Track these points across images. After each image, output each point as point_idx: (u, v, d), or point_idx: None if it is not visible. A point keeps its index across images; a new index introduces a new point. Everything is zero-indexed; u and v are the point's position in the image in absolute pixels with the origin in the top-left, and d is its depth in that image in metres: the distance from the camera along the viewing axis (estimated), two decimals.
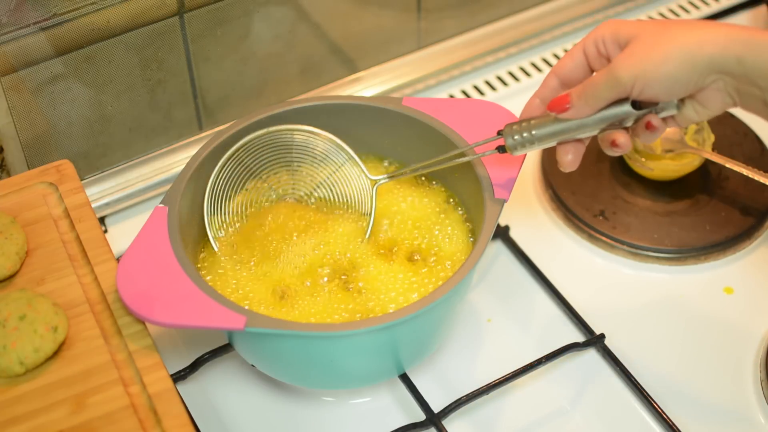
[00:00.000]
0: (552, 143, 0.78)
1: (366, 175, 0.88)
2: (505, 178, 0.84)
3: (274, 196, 0.91)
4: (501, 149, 0.80)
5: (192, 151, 0.97)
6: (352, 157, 0.89)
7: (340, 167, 0.90)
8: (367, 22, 1.12)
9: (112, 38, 0.94)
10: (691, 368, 0.89)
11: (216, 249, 0.86)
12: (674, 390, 0.87)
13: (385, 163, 0.94)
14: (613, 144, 0.77)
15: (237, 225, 0.88)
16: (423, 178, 0.93)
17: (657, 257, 0.97)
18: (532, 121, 0.78)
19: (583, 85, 0.75)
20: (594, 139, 1.07)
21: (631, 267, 0.97)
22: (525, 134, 0.78)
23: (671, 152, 1.01)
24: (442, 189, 0.92)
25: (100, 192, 1.01)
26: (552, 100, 0.76)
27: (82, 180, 0.99)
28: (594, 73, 0.76)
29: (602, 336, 0.90)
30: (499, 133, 0.79)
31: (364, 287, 0.84)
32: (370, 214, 0.87)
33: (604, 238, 0.98)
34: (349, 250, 0.87)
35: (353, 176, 0.89)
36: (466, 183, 0.87)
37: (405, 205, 0.91)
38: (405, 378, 0.86)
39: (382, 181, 0.88)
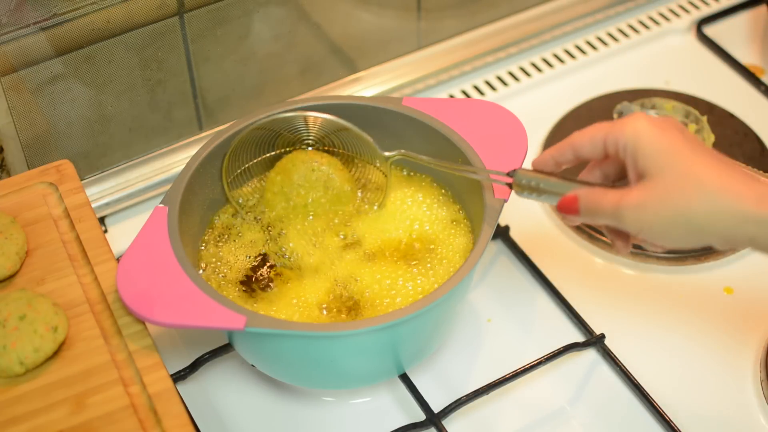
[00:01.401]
0: (547, 199, 0.78)
1: (379, 153, 0.89)
2: (505, 178, 0.84)
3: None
4: (510, 185, 0.80)
5: (192, 151, 0.97)
6: (362, 137, 0.89)
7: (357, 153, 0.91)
8: (367, 22, 1.12)
9: (112, 38, 0.94)
10: (691, 368, 0.89)
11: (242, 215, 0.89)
12: (674, 390, 0.87)
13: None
14: (614, 245, 0.77)
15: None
16: (423, 178, 0.93)
17: (657, 257, 0.97)
18: (541, 176, 0.78)
19: (593, 200, 0.73)
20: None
21: (631, 267, 0.97)
22: (533, 183, 0.78)
23: None
24: (442, 188, 0.92)
25: (100, 192, 1.01)
26: (562, 201, 0.75)
27: (82, 180, 0.99)
28: (603, 195, 0.72)
29: (602, 336, 0.90)
30: (509, 174, 0.80)
31: (362, 287, 0.84)
32: (385, 189, 0.90)
33: (604, 238, 0.98)
34: (350, 249, 0.87)
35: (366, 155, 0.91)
36: (466, 183, 0.87)
37: (405, 205, 0.91)
38: (405, 378, 0.86)
39: (393, 157, 0.89)
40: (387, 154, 0.89)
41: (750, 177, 0.67)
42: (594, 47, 1.19)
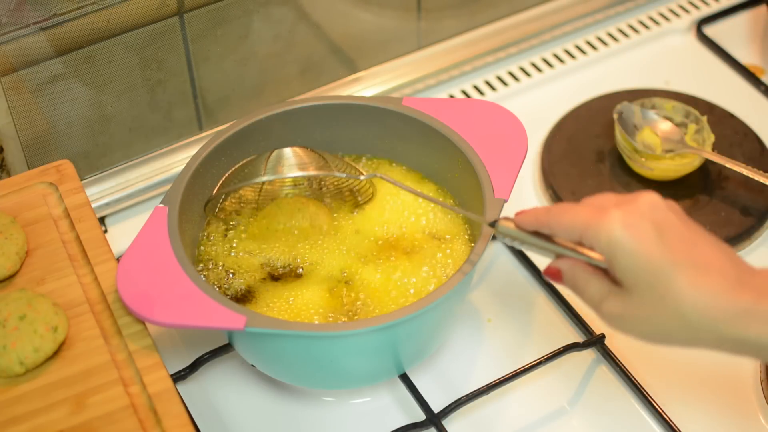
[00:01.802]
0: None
1: (360, 173, 0.87)
2: (505, 178, 0.84)
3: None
4: (492, 224, 0.76)
5: (192, 151, 0.97)
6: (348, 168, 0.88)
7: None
8: (367, 22, 1.12)
9: (112, 38, 0.94)
10: (690, 368, 0.89)
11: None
12: (674, 390, 0.87)
13: (386, 165, 0.94)
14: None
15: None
16: (422, 177, 0.93)
17: None
18: (522, 234, 0.72)
19: (576, 283, 0.70)
20: (593, 136, 1.07)
21: None
22: (514, 237, 0.73)
23: (671, 152, 1.01)
24: (442, 189, 0.92)
25: (100, 192, 1.01)
26: (547, 269, 0.72)
27: (82, 180, 0.99)
28: (587, 280, 0.69)
29: (602, 336, 0.90)
30: (491, 224, 0.75)
31: (363, 287, 0.84)
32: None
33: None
34: (348, 248, 0.87)
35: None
36: (465, 183, 0.87)
37: (404, 204, 0.91)
38: (405, 378, 0.86)
39: (371, 176, 0.85)
40: (362, 177, 0.85)
41: (735, 283, 0.64)
42: (594, 47, 1.19)
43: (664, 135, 1.02)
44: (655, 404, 0.85)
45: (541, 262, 0.96)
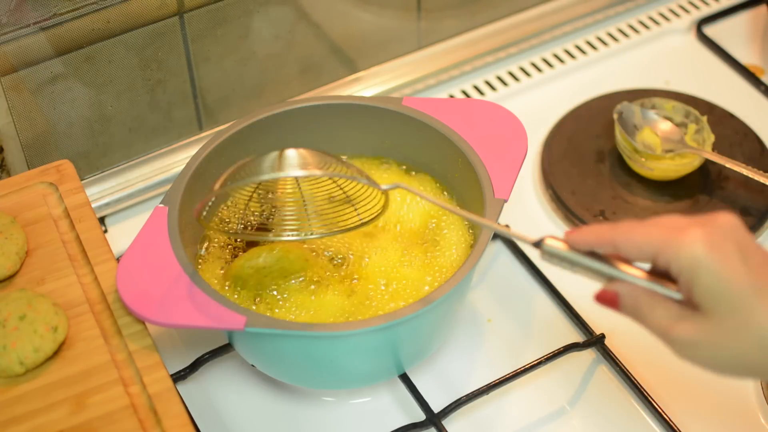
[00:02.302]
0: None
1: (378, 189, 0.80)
2: (505, 178, 0.84)
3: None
4: (537, 245, 0.69)
5: (192, 151, 0.97)
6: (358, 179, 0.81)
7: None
8: (367, 22, 1.12)
9: (112, 38, 0.94)
10: (691, 368, 0.89)
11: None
12: (674, 390, 0.87)
13: (384, 165, 0.94)
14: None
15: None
16: (422, 177, 0.93)
17: None
18: (573, 254, 0.67)
19: (637, 308, 0.65)
20: (593, 136, 1.07)
21: None
22: (563, 257, 0.67)
23: (671, 152, 1.01)
24: (442, 188, 0.92)
25: (100, 192, 1.01)
26: (600, 294, 0.66)
27: (82, 180, 0.99)
28: (650, 308, 0.64)
29: (602, 336, 0.90)
30: (536, 244, 0.69)
31: (363, 286, 0.84)
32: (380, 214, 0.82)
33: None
34: (349, 249, 0.87)
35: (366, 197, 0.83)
36: (466, 183, 0.87)
37: (405, 205, 0.91)
38: (405, 378, 0.86)
39: (392, 187, 0.79)
40: (384, 186, 0.79)
41: None
42: (594, 47, 1.19)
43: (664, 135, 1.02)
44: (655, 404, 0.85)
45: (541, 262, 0.96)
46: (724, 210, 0.64)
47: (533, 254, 0.97)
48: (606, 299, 0.66)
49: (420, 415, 0.84)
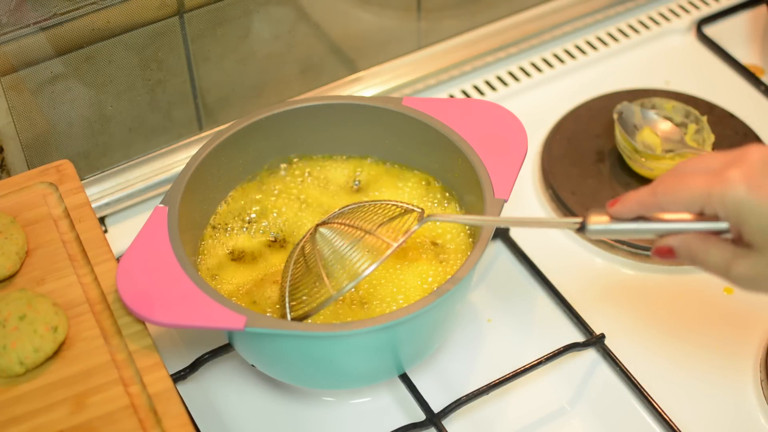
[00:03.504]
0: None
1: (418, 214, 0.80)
2: (505, 178, 0.84)
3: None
4: (581, 229, 0.70)
5: (192, 151, 0.97)
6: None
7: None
8: (367, 22, 1.12)
9: (112, 38, 0.94)
10: (691, 368, 0.89)
11: None
12: (674, 390, 0.87)
13: (387, 165, 0.94)
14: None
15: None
16: (422, 177, 0.93)
17: None
18: (620, 226, 0.69)
19: (693, 253, 0.67)
20: (593, 136, 1.07)
21: (631, 267, 0.97)
22: (609, 233, 0.69)
23: (671, 152, 1.01)
24: (443, 189, 0.92)
25: (100, 192, 1.01)
26: (656, 250, 0.69)
27: (82, 180, 0.99)
28: (708, 250, 0.67)
29: (602, 336, 0.90)
30: (581, 229, 0.70)
31: (364, 287, 0.84)
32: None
33: (603, 238, 0.98)
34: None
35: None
36: (466, 183, 0.87)
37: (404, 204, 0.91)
38: (405, 378, 0.86)
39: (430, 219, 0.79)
40: (415, 228, 0.79)
41: None
42: (594, 47, 1.19)
43: (664, 135, 1.02)
44: (654, 404, 0.85)
45: (541, 262, 0.96)
46: (753, 143, 0.66)
47: (533, 254, 0.97)
48: (662, 252, 0.69)
49: (420, 415, 0.84)
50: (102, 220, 1.01)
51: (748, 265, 0.65)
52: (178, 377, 0.87)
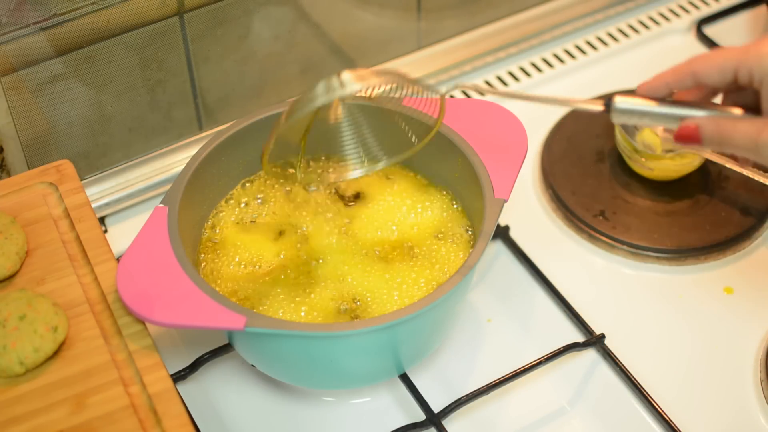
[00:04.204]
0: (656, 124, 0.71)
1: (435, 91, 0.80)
2: (505, 178, 0.84)
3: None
4: (607, 108, 0.72)
5: (192, 151, 0.97)
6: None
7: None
8: (367, 22, 1.12)
9: (112, 38, 0.94)
10: (691, 368, 0.89)
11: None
12: (674, 390, 0.87)
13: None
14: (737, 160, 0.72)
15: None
16: (422, 179, 0.93)
17: (657, 257, 0.97)
18: (647, 103, 0.70)
19: (721, 130, 0.67)
20: (593, 136, 1.07)
21: (631, 267, 0.97)
22: (636, 110, 0.71)
23: (671, 152, 1.01)
24: (442, 189, 0.92)
25: (100, 192, 1.01)
26: (681, 131, 0.69)
27: (82, 180, 0.99)
28: (735, 125, 0.66)
29: (602, 336, 0.90)
30: (606, 109, 0.73)
31: (364, 288, 0.84)
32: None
33: (604, 238, 0.98)
34: (347, 249, 0.87)
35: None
36: (465, 183, 0.87)
37: (404, 206, 0.91)
38: (405, 378, 0.86)
39: (451, 90, 0.79)
40: (443, 89, 0.81)
41: None
42: (594, 47, 1.19)
43: (664, 135, 1.02)
44: (655, 404, 0.85)
45: (541, 262, 0.96)
46: None
47: (533, 253, 0.97)
48: (686, 134, 0.68)
49: (420, 415, 0.84)
50: (102, 220, 1.01)
51: None
52: (178, 377, 0.87)
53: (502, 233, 0.98)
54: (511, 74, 1.17)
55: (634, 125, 1.03)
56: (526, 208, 1.03)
